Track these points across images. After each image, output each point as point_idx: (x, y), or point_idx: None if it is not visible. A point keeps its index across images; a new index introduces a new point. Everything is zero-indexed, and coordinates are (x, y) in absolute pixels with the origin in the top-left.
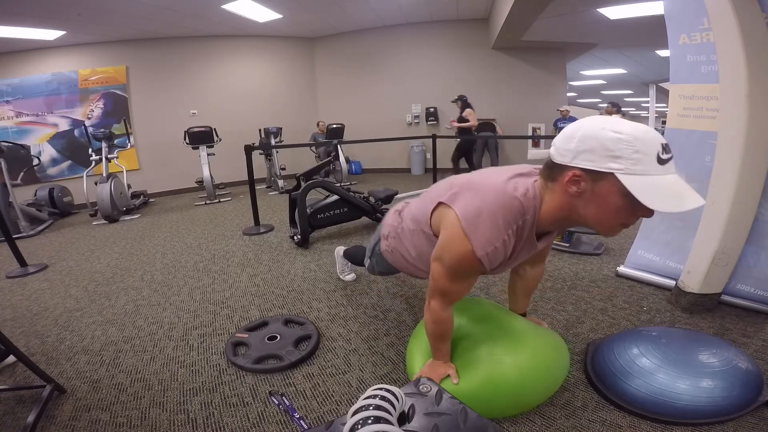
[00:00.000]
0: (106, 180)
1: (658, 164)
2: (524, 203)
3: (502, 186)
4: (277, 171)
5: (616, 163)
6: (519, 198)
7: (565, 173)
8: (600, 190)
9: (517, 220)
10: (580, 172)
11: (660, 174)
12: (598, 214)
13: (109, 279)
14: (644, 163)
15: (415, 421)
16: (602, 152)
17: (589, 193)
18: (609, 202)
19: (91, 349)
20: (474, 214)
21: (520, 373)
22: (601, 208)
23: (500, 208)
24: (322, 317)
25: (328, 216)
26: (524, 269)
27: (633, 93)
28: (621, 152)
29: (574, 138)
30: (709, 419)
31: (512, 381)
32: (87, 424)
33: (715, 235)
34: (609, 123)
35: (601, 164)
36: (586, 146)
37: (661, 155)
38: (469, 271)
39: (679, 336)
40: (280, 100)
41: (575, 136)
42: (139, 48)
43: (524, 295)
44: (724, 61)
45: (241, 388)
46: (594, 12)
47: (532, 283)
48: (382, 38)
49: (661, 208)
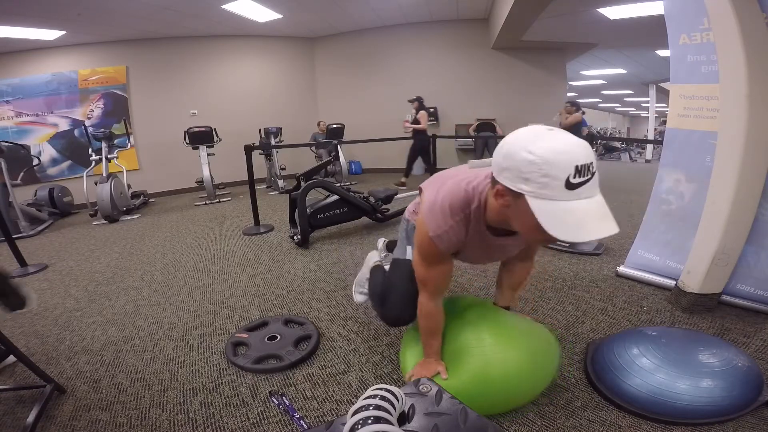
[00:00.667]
0: (106, 180)
1: (567, 189)
2: (470, 196)
3: (460, 180)
4: (277, 171)
5: (526, 185)
6: (468, 190)
7: (497, 185)
8: (519, 207)
9: (463, 209)
10: (503, 187)
11: (567, 200)
12: (521, 228)
13: (109, 279)
14: (551, 187)
15: (415, 421)
16: (516, 173)
17: (513, 207)
18: (526, 220)
19: (91, 349)
20: (432, 202)
21: (510, 368)
22: (522, 223)
23: (450, 198)
24: (322, 317)
25: (328, 216)
26: (513, 264)
27: (633, 93)
28: (530, 175)
29: (501, 153)
30: (709, 419)
31: (502, 375)
32: (87, 424)
33: (715, 235)
34: (528, 140)
35: (515, 184)
36: (506, 164)
37: (571, 179)
38: (430, 254)
39: (679, 336)
40: (280, 100)
41: (502, 150)
42: (139, 48)
43: (509, 288)
44: (724, 61)
45: (241, 388)
46: (594, 12)
47: (517, 277)
48: (382, 38)
49: (558, 235)
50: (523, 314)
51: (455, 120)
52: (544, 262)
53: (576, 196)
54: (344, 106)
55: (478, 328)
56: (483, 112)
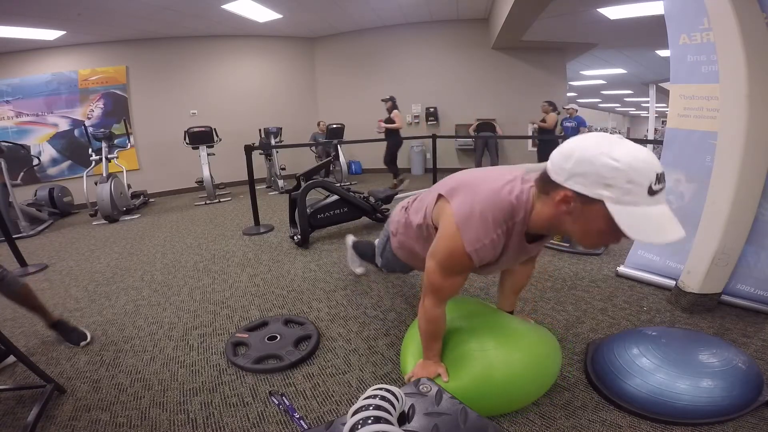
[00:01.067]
0: (106, 180)
1: (648, 195)
2: (516, 206)
3: (498, 187)
4: (277, 171)
5: (608, 191)
6: (512, 200)
7: (558, 191)
8: (588, 213)
9: (507, 221)
10: (572, 193)
11: (648, 205)
12: (583, 233)
13: (109, 279)
14: (634, 193)
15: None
16: (595, 178)
17: (577, 213)
18: (595, 225)
19: (91, 349)
20: (468, 211)
21: (512, 370)
22: (586, 228)
23: (492, 208)
24: (322, 317)
25: (328, 216)
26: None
27: (633, 93)
28: (614, 181)
29: (571, 158)
30: (709, 419)
31: (504, 377)
32: (87, 424)
33: (715, 235)
34: (607, 146)
35: (592, 190)
36: (580, 169)
37: (653, 186)
38: (459, 267)
39: (679, 336)
40: (280, 100)
41: (572, 156)
42: (139, 48)
43: (512, 292)
44: (724, 61)
45: (241, 388)
46: (594, 12)
47: (520, 281)
48: (382, 38)
49: (641, 239)
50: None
51: (455, 120)
52: (544, 262)
53: (655, 201)
54: (344, 106)
55: (481, 330)
56: (483, 112)
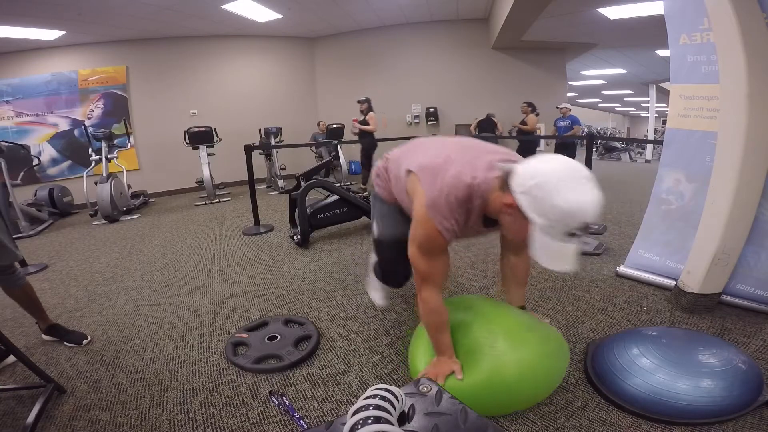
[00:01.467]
0: (106, 180)
1: (567, 236)
2: (474, 193)
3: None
4: (277, 171)
5: (539, 219)
6: (473, 187)
7: (510, 195)
8: (520, 222)
9: (467, 203)
10: (516, 204)
11: (561, 241)
12: (510, 231)
13: (109, 279)
14: (557, 230)
15: (415, 421)
16: (538, 205)
17: (515, 218)
18: (520, 232)
19: (91, 349)
20: (436, 196)
21: (523, 369)
22: (514, 231)
23: (456, 192)
24: (322, 317)
25: (328, 216)
26: (509, 259)
27: (633, 93)
28: (548, 216)
29: (534, 180)
30: (709, 419)
31: (516, 376)
32: (87, 424)
33: (715, 235)
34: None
35: (530, 212)
36: (534, 192)
37: (576, 231)
38: (436, 246)
39: (679, 336)
40: (280, 100)
41: (536, 178)
42: (139, 48)
43: (517, 285)
44: (724, 61)
45: (241, 388)
46: (594, 12)
47: (520, 273)
48: (382, 38)
49: (540, 261)
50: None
51: (455, 120)
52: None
53: (568, 240)
54: (344, 106)
55: (492, 327)
56: (483, 112)
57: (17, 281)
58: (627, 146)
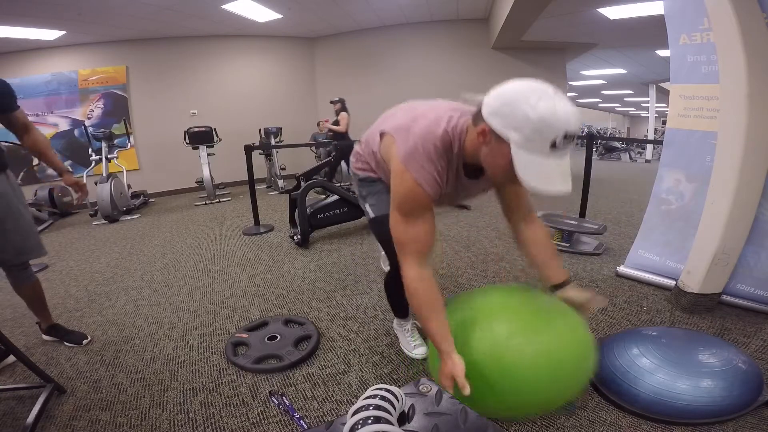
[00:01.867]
0: (106, 180)
1: (549, 148)
2: (451, 138)
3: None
4: (277, 171)
5: (514, 134)
6: (447, 132)
7: (481, 124)
8: (498, 149)
9: (447, 152)
10: (488, 128)
11: (546, 157)
12: (491, 166)
13: (109, 279)
14: (536, 143)
15: (415, 421)
16: (510, 120)
17: (491, 147)
18: (501, 161)
19: (91, 349)
20: (411, 149)
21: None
22: (494, 164)
23: (432, 141)
24: (322, 317)
25: (328, 216)
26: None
27: (633, 93)
28: (522, 128)
29: (501, 98)
30: (709, 419)
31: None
32: (87, 424)
33: (715, 235)
34: (536, 98)
35: (503, 130)
36: (503, 110)
37: (557, 141)
38: (418, 204)
39: (679, 336)
40: (280, 100)
41: (503, 96)
42: (139, 48)
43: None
44: (724, 61)
45: (241, 388)
46: (594, 12)
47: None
48: (382, 38)
49: (529, 183)
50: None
51: None
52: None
53: (554, 155)
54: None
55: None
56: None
57: (30, 277)
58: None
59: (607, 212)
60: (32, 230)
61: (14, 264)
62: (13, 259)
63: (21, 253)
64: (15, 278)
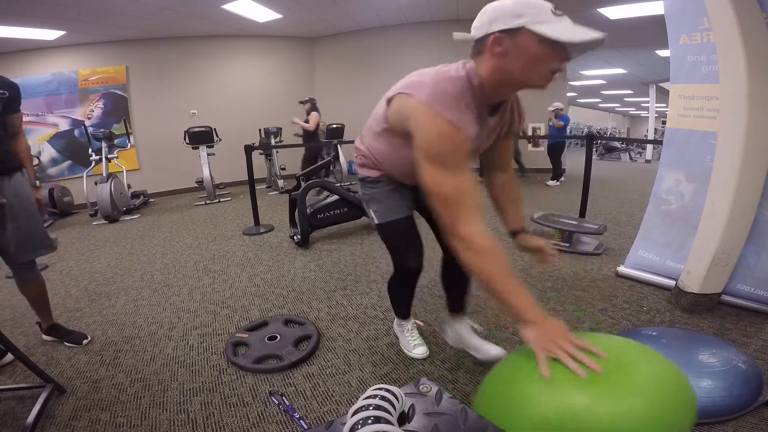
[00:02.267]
0: (106, 180)
1: (554, 16)
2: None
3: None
4: (277, 171)
5: (523, 18)
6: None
7: (488, 40)
8: (520, 44)
9: (471, 90)
10: (499, 34)
11: (559, 21)
12: (525, 66)
13: (109, 279)
14: (544, 12)
15: (415, 421)
16: (509, 15)
17: (512, 50)
18: (531, 52)
19: (91, 349)
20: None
21: None
22: (526, 60)
23: (453, 84)
24: (322, 317)
25: (328, 216)
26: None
27: (633, 93)
28: (522, 11)
29: (484, 14)
30: (709, 419)
31: None
32: (87, 424)
33: (715, 235)
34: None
35: (512, 23)
36: (494, 15)
37: (554, 11)
38: (455, 149)
39: (679, 336)
40: (280, 100)
41: (485, 11)
42: (139, 48)
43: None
44: (724, 61)
45: (241, 388)
46: (594, 12)
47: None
48: (382, 38)
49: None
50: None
51: None
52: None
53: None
54: (344, 106)
55: None
56: None
57: (37, 276)
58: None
59: (607, 212)
60: (43, 228)
61: (24, 262)
62: (25, 257)
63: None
64: (22, 276)
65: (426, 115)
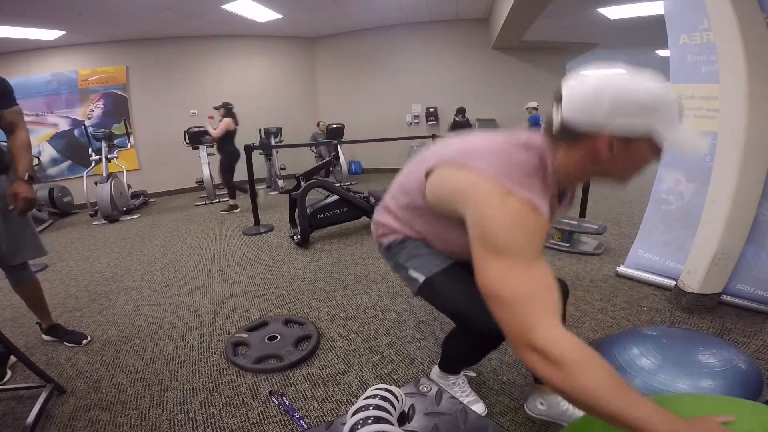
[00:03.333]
0: (106, 180)
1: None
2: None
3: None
4: (277, 171)
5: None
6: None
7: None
8: (634, 149)
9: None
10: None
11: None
12: (627, 168)
13: (109, 279)
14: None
15: (415, 421)
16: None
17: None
18: (641, 155)
19: (91, 349)
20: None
21: None
22: (633, 163)
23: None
24: (322, 317)
25: (328, 216)
26: None
27: None
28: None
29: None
30: None
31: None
32: (87, 424)
33: (715, 235)
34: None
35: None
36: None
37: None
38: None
39: (679, 336)
40: (280, 100)
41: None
42: (139, 48)
43: None
44: (724, 61)
45: (241, 388)
46: (594, 12)
47: None
48: (382, 38)
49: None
50: None
51: None
52: None
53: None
54: (344, 106)
55: None
56: (483, 112)
57: (30, 276)
58: None
59: (607, 212)
60: (34, 230)
61: (15, 264)
62: (14, 259)
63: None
64: (15, 278)
65: (492, 195)
